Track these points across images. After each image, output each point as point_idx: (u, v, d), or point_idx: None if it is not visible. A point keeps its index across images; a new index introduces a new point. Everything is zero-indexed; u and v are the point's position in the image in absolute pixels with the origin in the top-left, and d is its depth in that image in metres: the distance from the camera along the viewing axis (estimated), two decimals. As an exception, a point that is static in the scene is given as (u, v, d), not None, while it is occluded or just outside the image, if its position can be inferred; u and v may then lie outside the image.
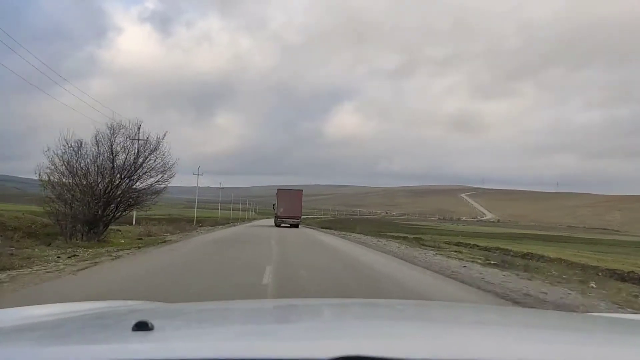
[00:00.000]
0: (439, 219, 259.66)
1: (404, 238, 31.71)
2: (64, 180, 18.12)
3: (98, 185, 18.34)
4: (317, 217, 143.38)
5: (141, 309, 2.11)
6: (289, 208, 46.31)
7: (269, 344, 1.29)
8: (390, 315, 2.04)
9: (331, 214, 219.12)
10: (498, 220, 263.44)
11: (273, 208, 57.22)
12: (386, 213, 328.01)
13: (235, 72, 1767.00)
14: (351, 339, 1.38)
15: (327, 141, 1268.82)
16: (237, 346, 1.26)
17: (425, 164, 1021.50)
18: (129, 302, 2.41)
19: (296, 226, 46.68)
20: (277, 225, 46.28)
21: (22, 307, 2.12)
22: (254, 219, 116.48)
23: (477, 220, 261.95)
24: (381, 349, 1.17)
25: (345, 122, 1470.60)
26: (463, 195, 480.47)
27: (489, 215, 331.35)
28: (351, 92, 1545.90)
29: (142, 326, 1.26)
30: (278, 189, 49.73)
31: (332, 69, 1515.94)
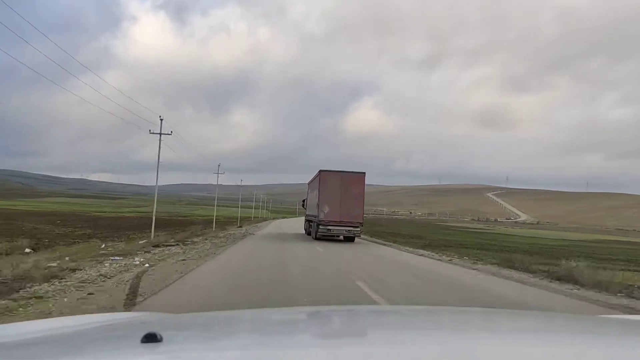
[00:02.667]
0: (472, 219, 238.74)
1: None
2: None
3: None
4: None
5: (150, 320, 2.08)
6: (342, 206, 25.68)
7: (277, 354, 1.28)
8: (399, 322, 2.04)
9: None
10: (537, 222, 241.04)
11: (303, 206, 37.07)
12: (410, 213, 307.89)
13: (253, 67, 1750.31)
14: (360, 347, 1.38)
15: (345, 139, 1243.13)
16: (246, 356, 1.26)
17: (445, 162, 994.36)
18: (138, 314, 2.40)
19: (352, 239, 26.91)
20: (317, 236, 26.42)
21: (31, 321, 2.15)
22: (267, 218, 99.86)
23: (516, 222, 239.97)
24: (391, 357, 1.15)
25: (365, 119, 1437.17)
26: (489, 194, 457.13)
27: (523, 217, 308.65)
28: (372, 87, 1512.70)
29: (151, 337, 1.26)
30: (320, 171, 27.24)
31: (353, 62, 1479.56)
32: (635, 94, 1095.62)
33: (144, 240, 22.62)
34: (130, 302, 7.30)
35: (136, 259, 13.61)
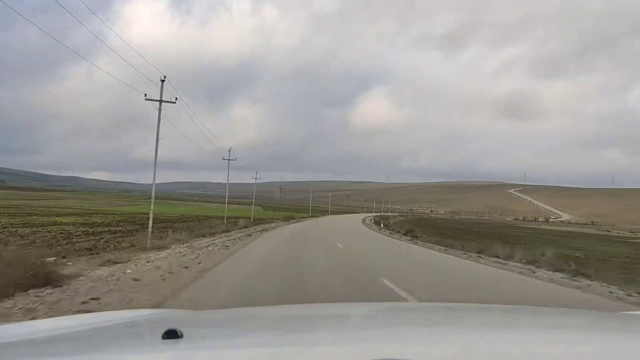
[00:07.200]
0: (516, 219, 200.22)
1: None
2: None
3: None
4: (388, 217, 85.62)
5: (170, 316, 2.12)
6: None
7: (297, 351, 1.29)
8: (420, 319, 2.03)
9: (373, 211, 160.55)
10: (592, 223, 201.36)
11: None
12: (431, 211, 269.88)
13: (256, 56, 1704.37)
14: (380, 344, 1.36)
15: (351, 134, 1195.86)
16: (267, 353, 1.27)
17: (454, 158, 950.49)
18: (158, 311, 2.48)
19: None
20: None
21: (53, 318, 2.33)
22: (240, 225, 39.79)
23: (569, 223, 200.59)
24: (411, 354, 1.16)
25: (374, 112, 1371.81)
26: (511, 191, 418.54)
27: (564, 216, 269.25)
28: (384, 74, 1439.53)
29: (171, 334, 1.27)
30: None
31: (367, 44, 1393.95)
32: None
33: None
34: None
35: None
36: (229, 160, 33.97)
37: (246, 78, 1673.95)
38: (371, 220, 68.53)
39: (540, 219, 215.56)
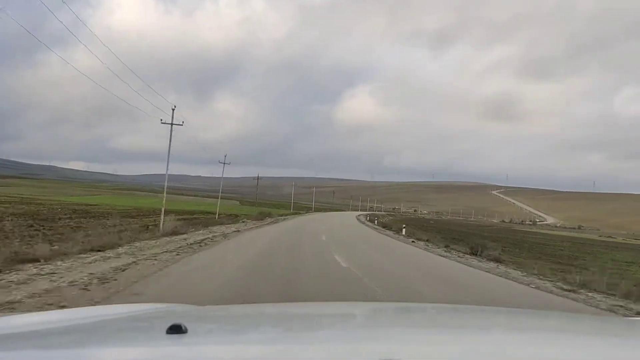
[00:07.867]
0: (502, 221, 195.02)
1: None
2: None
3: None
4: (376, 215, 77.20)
5: (175, 311, 2.14)
6: None
7: (301, 348, 1.29)
8: (424, 320, 2.05)
9: (358, 209, 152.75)
10: (579, 227, 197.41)
11: None
12: (415, 210, 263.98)
13: (242, 49, 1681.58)
14: (383, 344, 1.36)
15: (336, 131, 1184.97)
16: (270, 350, 1.28)
17: (437, 158, 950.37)
18: (163, 305, 2.51)
19: None
20: None
21: (58, 310, 2.38)
22: (166, 230, 35.62)
23: (556, 227, 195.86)
24: (414, 355, 1.16)
25: (360, 109, 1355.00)
26: (495, 192, 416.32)
27: (549, 219, 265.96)
28: (371, 72, 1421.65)
29: (176, 329, 1.28)
30: None
31: (354, 41, 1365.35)
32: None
33: None
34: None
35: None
36: (171, 124, 24.06)
37: (231, 72, 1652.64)
38: (368, 219, 59.20)
39: (527, 222, 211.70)
